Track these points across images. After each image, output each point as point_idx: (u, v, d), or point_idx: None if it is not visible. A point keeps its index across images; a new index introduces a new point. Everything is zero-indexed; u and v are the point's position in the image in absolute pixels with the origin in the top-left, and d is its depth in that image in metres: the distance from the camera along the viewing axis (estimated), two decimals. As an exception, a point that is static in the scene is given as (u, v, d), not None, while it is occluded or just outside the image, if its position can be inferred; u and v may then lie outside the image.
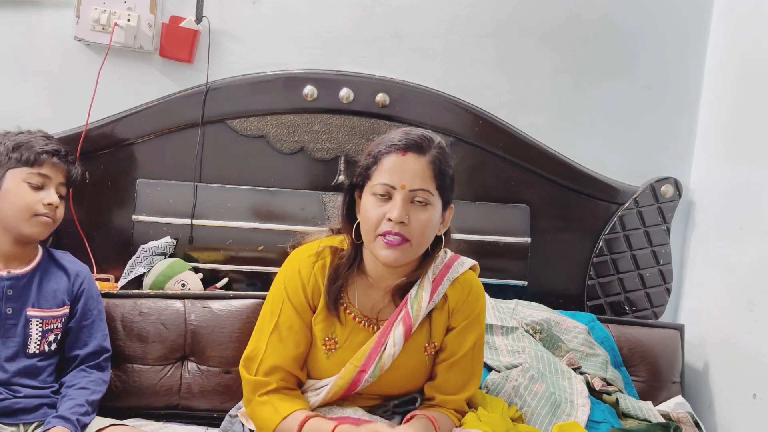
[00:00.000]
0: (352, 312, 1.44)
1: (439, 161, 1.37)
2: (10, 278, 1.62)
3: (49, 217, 1.64)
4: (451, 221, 1.50)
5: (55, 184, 1.67)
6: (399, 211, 1.32)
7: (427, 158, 1.36)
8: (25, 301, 1.63)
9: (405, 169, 1.34)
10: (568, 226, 2.24)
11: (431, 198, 1.36)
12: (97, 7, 2.05)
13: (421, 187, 1.35)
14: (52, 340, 1.66)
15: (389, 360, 1.40)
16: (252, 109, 2.12)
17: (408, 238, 1.34)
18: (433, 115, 2.16)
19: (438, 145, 1.39)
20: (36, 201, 1.63)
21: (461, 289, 1.48)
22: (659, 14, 2.23)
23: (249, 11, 2.14)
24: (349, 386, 1.41)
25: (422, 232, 1.36)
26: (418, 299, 1.42)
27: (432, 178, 1.36)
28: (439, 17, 2.18)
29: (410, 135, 1.37)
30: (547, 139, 2.22)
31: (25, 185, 1.63)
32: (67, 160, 1.70)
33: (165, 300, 1.90)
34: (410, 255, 1.37)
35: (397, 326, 1.41)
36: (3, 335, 1.60)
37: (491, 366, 1.82)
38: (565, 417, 1.65)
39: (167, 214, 2.08)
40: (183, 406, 1.84)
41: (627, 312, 2.27)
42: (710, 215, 2.21)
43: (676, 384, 2.06)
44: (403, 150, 1.35)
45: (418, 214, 1.35)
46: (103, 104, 2.07)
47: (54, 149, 1.67)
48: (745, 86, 2.07)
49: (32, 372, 1.62)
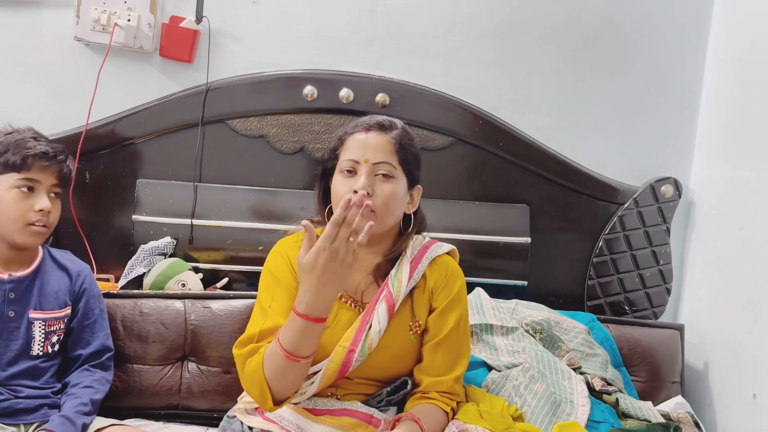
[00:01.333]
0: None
1: (401, 138, 1.47)
2: (12, 281, 1.61)
3: (42, 224, 1.60)
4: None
5: (46, 188, 1.62)
6: (363, 181, 1.41)
7: (388, 135, 1.46)
8: (27, 304, 1.62)
9: (368, 144, 1.44)
10: (568, 226, 2.24)
11: (394, 171, 1.45)
12: (97, 7, 2.05)
13: (383, 159, 1.44)
14: (55, 341, 1.66)
15: (376, 337, 1.43)
16: (252, 109, 2.12)
17: (373, 209, 1.41)
18: (433, 115, 2.16)
19: (401, 127, 1.50)
20: (27, 208, 1.59)
21: (439, 270, 1.52)
22: (659, 14, 2.23)
23: (249, 11, 2.14)
24: (340, 368, 1.42)
25: (387, 203, 1.43)
26: (398, 277, 1.47)
27: (394, 152, 1.45)
28: (439, 17, 2.19)
29: (374, 117, 1.49)
30: (547, 139, 2.22)
31: (14, 191, 1.58)
32: (56, 161, 1.63)
33: (165, 300, 1.90)
34: (378, 226, 1.40)
35: (380, 304, 1.45)
36: (6, 338, 1.59)
37: (491, 365, 1.83)
38: (565, 417, 1.65)
39: (167, 214, 2.08)
40: (183, 406, 1.84)
41: (627, 312, 2.27)
42: (710, 215, 2.21)
43: (676, 384, 2.06)
44: (366, 129, 1.47)
45: (382, 186, 1.43)
46: (103, 104, 2.07)
47: (41, 151, 1.60)
48: (745, 86, 2.07)
49: (34, 373, 1.62)
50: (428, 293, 1.51)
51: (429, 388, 1.47)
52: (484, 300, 1.98)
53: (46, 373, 1.64)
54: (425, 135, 2.16)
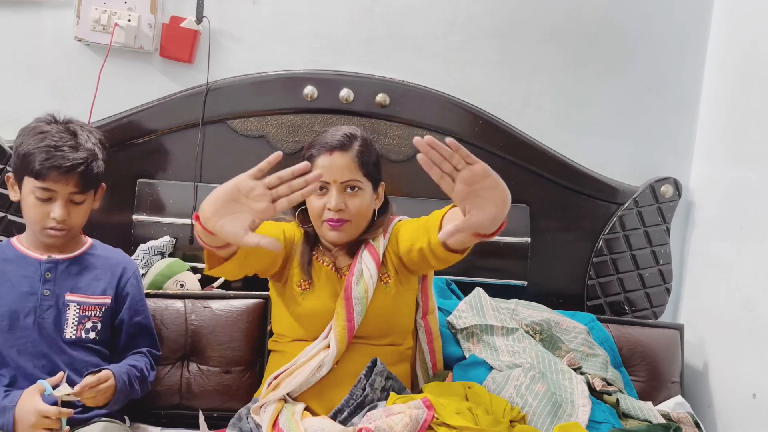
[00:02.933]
0: (323, 260, 1.68)
1: (361, 153, 1.63)
2: (49, 262, 1.64)
3: (58, 229, 1.61)
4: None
5: (63, 197, 1.59)
6: (335, 200, 1.60)
7: (350, 154, 1.62)
8: (63, 285, 1.63)
9: (334, 166, 1.61)
10: (568, 226, 2.24)
11: (361, 184, 1.63)
12: (97, 7, 2.05)
13: (350, 178, 1.61)
14: (90, 328, 1.65)
15: (370, 281, 1.61)
16: (252, 109, 2.12)
17: (348, 219, 1.62)
18: (433, 115, 2.16)
19: (361, 139, 1.65)
20: (44, 215, 1.59)
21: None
22: (659, 14, 2.23)
23: (249, 11, 2.14)
24: (347, 321, 1.58)
25: (358, 212, 1.63)
26: (376, 240, 1.68)
27: (358, 169, 1.62)
28: (439, 17, 2.19)
29: (335, 136, 1.63)
30: (547, 139, 2.22)
31: (32, 197, 1.59)
32: (73, 171, 1.57)
33: (165, 300, 1.90)
34: (353, 232, 1.65)
35: (363, 253, 1.65)
36: (38, 316, 1.60)
37: (492, 365, 1.83)
38: (566, 417, 1.65)
39: (167, 214, 2.08)
40: (183, 405, 1.84)
41: (627, 312, 2.27)
42: (710, 215, 2.21)
43: (675, 384, 2.06)
44: (329, 150, 1.62)
45: (353, 200, 1.62)
46: (104, 104, 2.07)
47: (55, 164, 1.55)
48: (745, 86, 2.07)
49: (67, 362, 1.61)
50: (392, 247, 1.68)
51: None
52: (484, 300, 1.98)
53: (81, 365, 1.62)
54: (425, 135, 2.16)
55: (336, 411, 1.54)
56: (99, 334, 1.66)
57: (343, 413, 1.53)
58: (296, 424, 1.48)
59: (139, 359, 1.69)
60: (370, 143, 1.68)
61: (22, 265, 1.64)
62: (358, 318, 1.59)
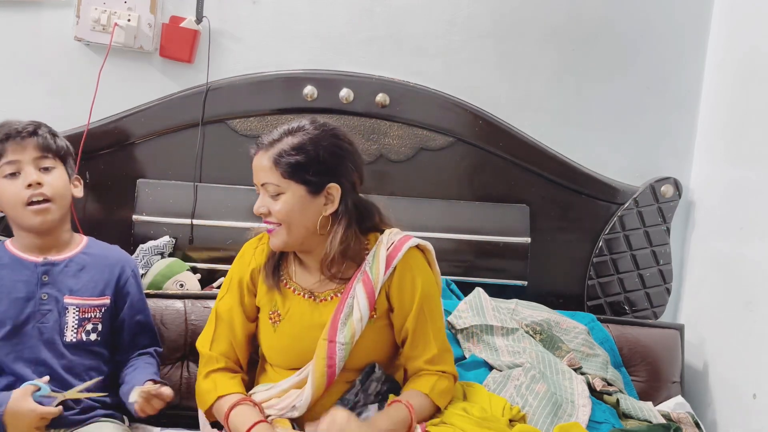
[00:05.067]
0: (291, 286, 1.55)
1: (282, 153, 1.46)
2: (45, 264, 1.61)
3: (39, 201, 1.58)
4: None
5: (29, 163, 1.58)
6: (257, 204, 1.50)
7: (268, 153, 1.47)
8: (61, 288, 1.61)
9: (255, 167, 1.50)
10: (568, 226, 2.24)
11: (280, 188, 1.46)
12: (97, 7, 2.05)
13: (266, 180, 1.47)
14: (90, 330, 1.63)
15: (359, 325, 1.46)
16: (252, 109, 2.12)
17: (279, 223, 1.48)
18: (433, 115, 2.16)
19: (286, 137, 1.47)
20: (19, 189, 1.57)
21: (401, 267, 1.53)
22: (659, 14, 2.23)
23: (249, 11, 2.14)
24: (328, 367, 1.45)
25: (285, 216, 1.46)
26: (376, 264, 1.50)
27: (273, 169, 1.46)
28: (439, 17, 2.19)
29: (269, 133, 1.50)
30: (547, 139, 2.22)
31: (4, 180, 1.58)
32: (26, 133, 1.59)
33: (165, 300, 1.90)
34: (286, 237, 1.48)
35: (357, 285, 1.49)
36: (38, 320, 1.58)
37: (492, 365, 1.83)
38: (566, 417, 1.66)
39: (167, 214, 2.08)
40: (183, 405, 1.83)
41: (627, 312, 2.27)
42: (710, 215, 2.21)
43: (675, 384, 2.06)
44: (255, 150, 1.51)
45: (274, 204, 1.47)
46: (104, 104, 2.07)
47: (5, 134, 1.58)
48: (745, 86, 2.07)
49: (68, 366, 1.60)
50: (391, 289, 1.52)
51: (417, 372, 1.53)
52: (484, 300, 1.98)
53: (80, 368, 1.61)
54: (425, 135, 2.16)
55: None
56: (100, 335, 1.65)
57: None
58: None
59: (151, 362, 1.68)
60: (303, 141, 1.47)
61: (17, 268, 1.61)
62: (340, 364, 1.46)
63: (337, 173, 1.48)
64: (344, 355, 1.46)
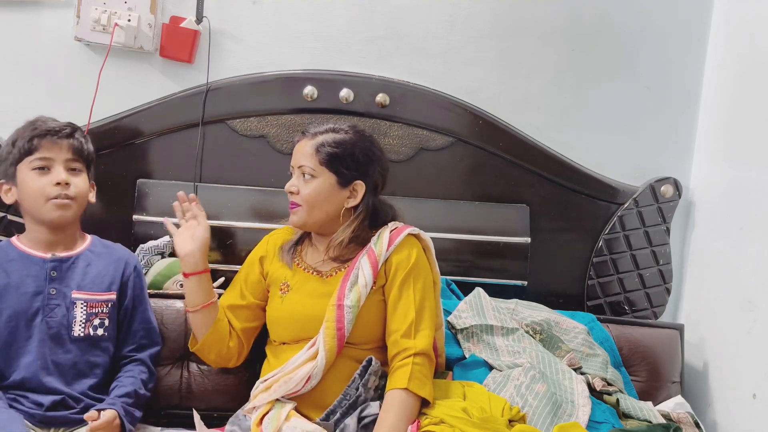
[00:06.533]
0: (302, 265, 1.71)
1: (324, 143, 1.66)
2: (54, 260, 1.64)
3: (63, 197, 1.62)
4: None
5: (60, 162, 1.64)
6: (290, 182, 1.68)
7: (312, 141, 1.67)
8: (69, 284, 1.64)
9: (296, 151, 1.69)
10: (568, 226, 2.24)
11: (315, 172, 1.64)
12: (97, 7, 2.05)
13: (303, 163, 1.66)
14: (97, 325, 1.66)
15: (364, 290, 1.59)
16: (252, 109, 2.12)
17: (299, 203, 1.66)
18: (433, 115, 2.16)
19: (333, 132, 1.68)
20: (46, 184, 1.62)
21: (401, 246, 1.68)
22: (659, 14, 2.23)
23: (249, 11, 2.14)
24: (337, 330, 1.56)
25: (311, 198, 1.65)
26: (380, 240, 1.65)
27: (314, 155, 1.65)
28: (439, 17, 2.18)
29: (316, 127, 1.70)
30: (547, 139, 2.22)
31: (33, 173, 1.62)
32: (63, 134, 1.65)
33: (165, 300, 1.90)
34: (306, 217, 1.66)
35: (362, 258, 1.63)
36: (46, 315, 1.61)
37: (492, 365, 1.83)
38: (566, 417, 1.66)
39: (167, 214, 2.08)
40: (183, 405, 1.84)
41: (627, 312, 2.27)
42: (710, 215, 2.21)
43: (675, 384, 2.06)
44: (299, 138, 1.70)
45: (305, 185, 1.65)
46: (104, 104, 2.07)
47: (45, 130, 1.64)
48: (745, 86, 2.07)
49: (75, 365, 1.63)
50: (392, 264, 1.65)
51: (391, 353, 1.60)
52: (484, 300, 1.98)
53: (85, 365, 1.64)
54: (425, 135, 2.16)
55: (329, 412, 1.54)
56: (107, 330, 1.68)
57: (336, 414, 1.53)
58: (276, 422, 1.51)
59: (130, 381, 1.67)
60: (347, 140, 1.68)
61: (26, 264, 1.64)
62: (349, 327, 1.58)
63: (365, 173, 1.68)
64: (351, 318, 1.57)
